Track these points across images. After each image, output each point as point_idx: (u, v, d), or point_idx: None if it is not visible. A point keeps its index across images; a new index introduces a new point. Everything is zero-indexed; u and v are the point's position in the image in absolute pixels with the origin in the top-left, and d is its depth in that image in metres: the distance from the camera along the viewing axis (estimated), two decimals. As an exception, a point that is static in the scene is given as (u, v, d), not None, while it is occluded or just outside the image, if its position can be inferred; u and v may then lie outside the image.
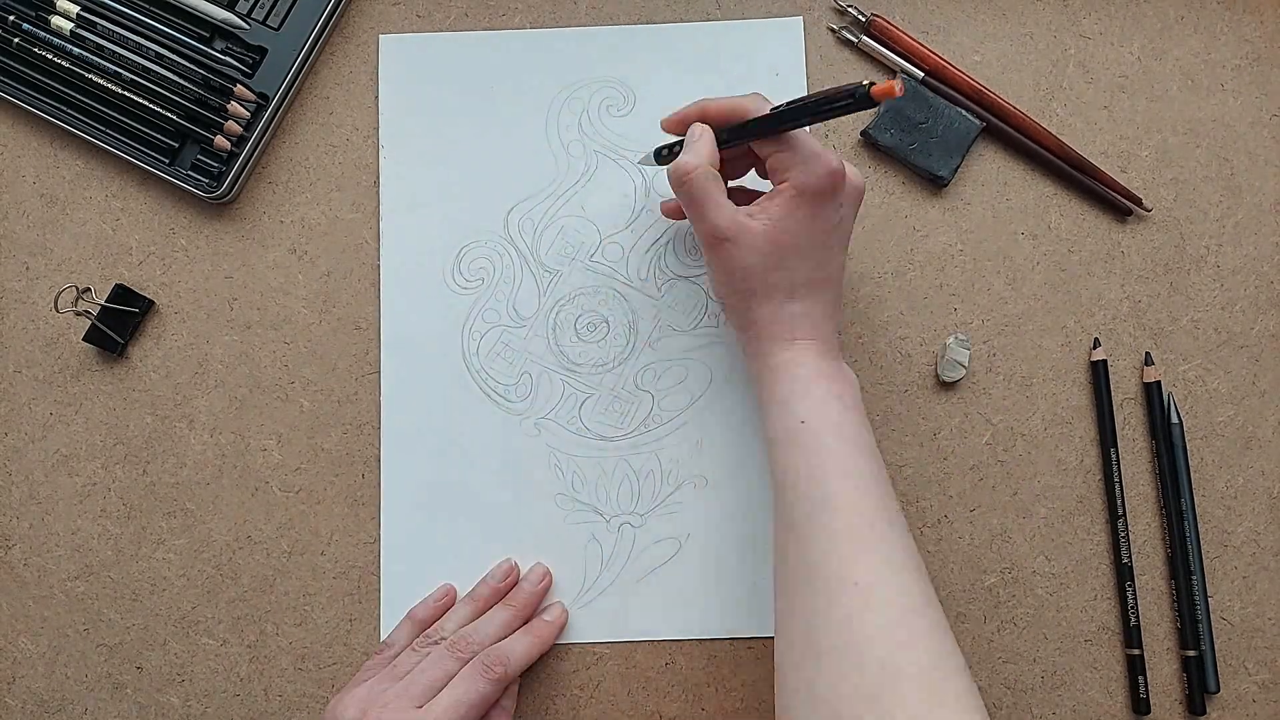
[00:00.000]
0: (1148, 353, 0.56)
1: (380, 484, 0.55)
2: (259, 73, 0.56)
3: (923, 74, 0.57)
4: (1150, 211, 0.57)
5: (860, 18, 0.57)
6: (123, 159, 0.56)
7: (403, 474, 0.55)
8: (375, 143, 0.57)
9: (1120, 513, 0.54)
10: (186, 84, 0.56)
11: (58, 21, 0.56)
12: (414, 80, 0.58)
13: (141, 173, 0.57)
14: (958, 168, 0.56)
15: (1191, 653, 0.53)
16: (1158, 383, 0.55)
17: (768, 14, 0.58)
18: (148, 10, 0.57)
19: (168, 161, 0.56)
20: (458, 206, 0.57)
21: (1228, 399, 0.56)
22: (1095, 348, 0.56)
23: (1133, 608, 0.54)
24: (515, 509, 0.55)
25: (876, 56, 0.57)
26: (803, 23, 0.58)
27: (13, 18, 0.55)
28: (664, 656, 0.54)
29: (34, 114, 0.56)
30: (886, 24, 0.57)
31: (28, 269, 0.57)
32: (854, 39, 0.57)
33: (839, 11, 0.58)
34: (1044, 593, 0.55)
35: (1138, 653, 0.54)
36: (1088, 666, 0.54)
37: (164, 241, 0.57)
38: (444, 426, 0.55)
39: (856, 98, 0.41)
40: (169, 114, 0.56)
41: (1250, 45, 0.58)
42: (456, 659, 0.49)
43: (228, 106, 0.55)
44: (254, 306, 0.57)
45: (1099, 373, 0.56)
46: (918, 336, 0.56)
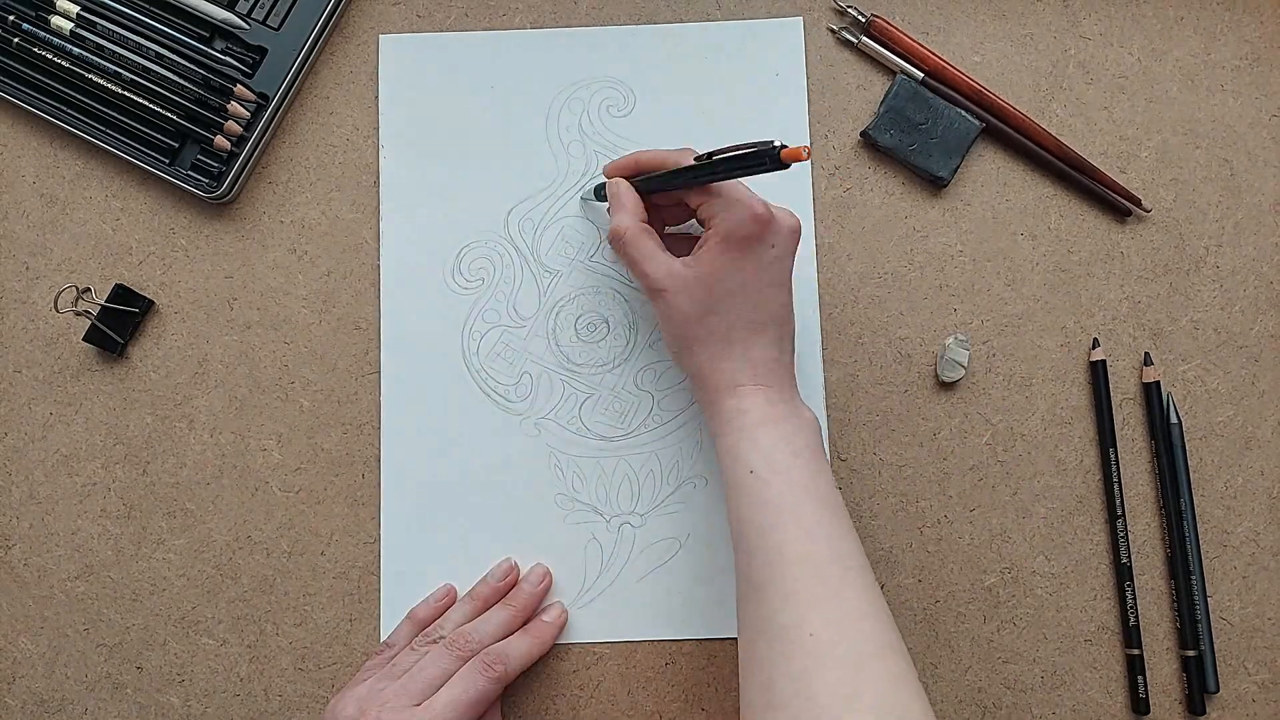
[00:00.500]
0: (1147, 353, 0.56)
1: (380, 484, 0.55)
2: (259, 73, 0.56)
3: (923, 74, 0.57)
4: (1150, 212, 0.57)
5: (860, 18, 0.57)
6: (123, 159, 0.56)
7: (403, 474, 0.55)
8: (375, 143, 0.57)
9: (1120, 513, 0.54)
10: (186, 84, 0.56)
11: (57, 21, 0.56)
12: (414, 80, 0.58)
13: (141, 173, 0.57)
14: (957, 168, 0.56)
15: (1191, 653, 0.53)
16: (1157, 383, 0.55)
17: (768, 14, 0.58)
18: (148, 10, 0.57)
19: (168, 161, 0.56)
20: (458, 206, 0.57)
21: (1227, 399, 0.56)
22: (1095, 348, 0.56)
23: (1132, 608, 0.54)
24: (515, 509, 0.55)
25: (876, 57, 0.57)
26: (803, 23, 0.58)
27: (13, 18, 0.55)
28: (664, 656, 0.54)
29: (34, 114, 0.56)
30: (886, 24, 0.57)
31: (28, 269, 0.57)
32: (854, 39, 0.57)
33: (839, 12, 0.58)
34: (1044, 593, 0.55)
35: (1137, 653, 0.54)
36: (1087, 666, 0.54)
37: (164, 241, 0.57)
38: (444, 426, 0.55)
39: (769, 160, 0.42)
40: (169, 114, 0.56)
41: (1250, 45, 0.58)
42: (455, 657, 0.49)
43: (228, 106, 0.55)
44: (254, 306, 0.57)
45: (1098, 373, 0.56)
46: (918, 336, 0.56)
